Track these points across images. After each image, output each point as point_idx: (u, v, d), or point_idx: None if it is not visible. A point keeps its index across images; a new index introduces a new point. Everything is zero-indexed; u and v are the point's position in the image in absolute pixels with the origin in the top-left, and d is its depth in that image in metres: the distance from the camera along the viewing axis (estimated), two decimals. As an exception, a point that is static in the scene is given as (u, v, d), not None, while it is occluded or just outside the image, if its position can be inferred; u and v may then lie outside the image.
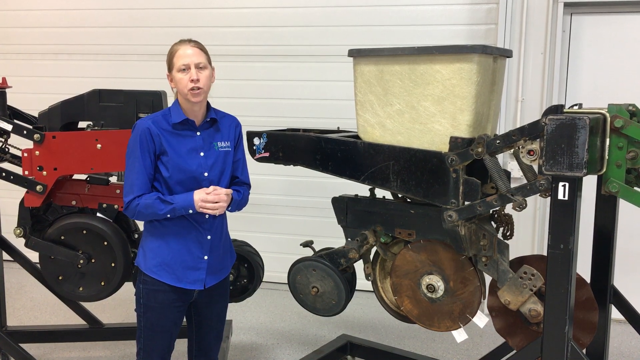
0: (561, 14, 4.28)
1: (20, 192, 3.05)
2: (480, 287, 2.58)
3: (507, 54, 2.68)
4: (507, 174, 2.52)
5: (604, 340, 2.79)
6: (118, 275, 3.14)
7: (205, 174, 2.40)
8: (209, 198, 2.34)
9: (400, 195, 2.78)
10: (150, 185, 2.37)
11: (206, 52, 2.41)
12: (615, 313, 2.88)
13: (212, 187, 2.38)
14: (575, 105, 2.45)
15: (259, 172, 3.71)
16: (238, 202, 2.51)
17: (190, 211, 2.34)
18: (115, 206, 3.14)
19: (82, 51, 5.26)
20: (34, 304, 4.64)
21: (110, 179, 3.22)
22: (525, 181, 2.38)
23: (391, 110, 2.59)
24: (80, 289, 3.18)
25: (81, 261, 3.10)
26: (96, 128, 3.08)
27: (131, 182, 2.35)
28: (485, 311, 2.73)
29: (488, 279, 2.60)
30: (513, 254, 2.62)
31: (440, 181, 2.44)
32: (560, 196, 2.18)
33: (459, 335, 2.68)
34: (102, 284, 3.16)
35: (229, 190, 2.43)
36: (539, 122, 2.20)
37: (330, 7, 4.76)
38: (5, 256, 3.47)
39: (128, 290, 3.29)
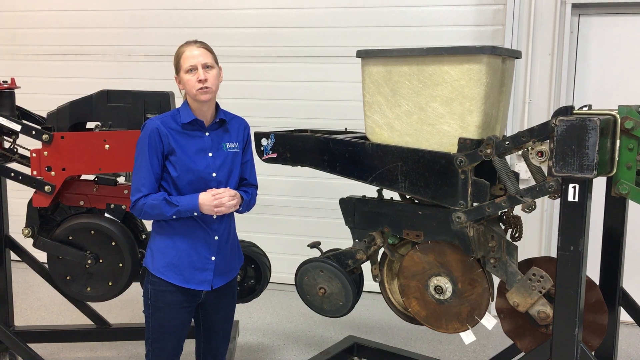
0: (569, 15, 4.26)
1: (28, 192, 3.06)
2: (489, 288, 2.58)
3: (515, 55, 2.67)
4: (516, 175, 2.51)
5: (612, 343, 2.78)
6: (125, 275, 3.15)
7: (214, 175, 2.41)
8: (212, 203, 2.33)
9: (408, 197, 2.77)
10: (157, 185, 2.37)
11: (212, 52, 2.41)
12: (623, 315, 2.87)
13: (215, 190, 2.36)
14: (585, 106, 2.44)
15: (266, 173, 3.70)
16: (247, 202, 2.52)
17: (195, 214, 2.34)
18: (123, 206, 3.15)
19: (89, 52, 5.28)
20: (42, 304, 4.65)
21: (118, 179, 3.23)
22: (533, 182, 2.37)
23: (399, 111, 2.58)
24: (88, 289, 3.19)
25: (89, 261, 3.11)
26: (104, 128, 3.09)
27: (138, 181, 2.36)
28: (494, 313, 2.72)
29: (497, 280, 2.59)
30: (520, 256, 2.61)
31: (449, 182, 2.43)
32: (570, 198, 2.17)
33: (467, 337, 2.67)
34: (110, 284, 3.17)
35: (232, 192, 2.41)
36: (549, 123, 2.19)
37: (337, 8, 4.76)
38: (13, 256, 3.48)
39: (135, 290, 3.29)
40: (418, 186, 2.52)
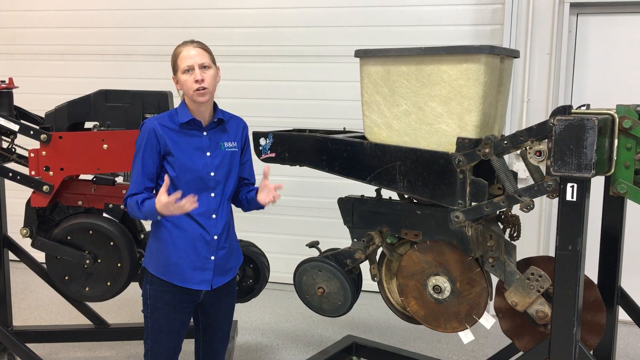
0: (567, 14, 4.26)
1: (26, 192, 3.06)
2: (487, 288, 2.58)
3: (514, 54, 2.67)
4: (514, 174, 2.51)
5: (611, 342, 2.78)
6: (124, 275, 3.14)
7: (212, 174, 2.40)
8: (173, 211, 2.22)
9: (406, 196, 2.77)
10: (150, 184, 2.38)
11: (210, 52, 2.41)
12: (621, 314, 2.87)
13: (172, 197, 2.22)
14: (583, 105, 2.44)
15: (264, 172, 3.70)
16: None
17: (159, 217, 2.31)
18: (122, 206, 3.15)
19: (88, 51, 5.28)
20: (40, 304, 4.65)
21: (116, 179, 3.23)
22: (531, 182, 2.37)
23: (398, 110, 2.58)
24: (87, 289, 3.19)
25: (87, 261, 3.11)
26: (102, 128, 3.09)
27: (131, 180, 2.40)
28: (492, 312, 2.73)
29: (495, 279, 2.60)
30: (518, 255, 2.61)
31: (447, 182, 2.43)
32: (568, 197, 2.17)
33: (466, 336, 2.67)
34: (108, 284, 3.17)
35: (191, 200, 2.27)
36: (547, 122, 2.19)
37: (336, 7, 4.76)
38: (12, 256, 3.48)
39: (134, 290, 3.29)
40: (416, 185, 2.52)
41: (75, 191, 3.19)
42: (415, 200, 2.74)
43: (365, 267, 2.95)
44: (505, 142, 2.32)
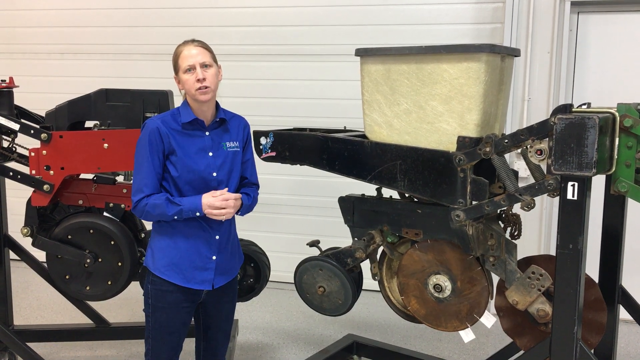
0: (568, 12, 4.26)
1: (27, 191, 3.06)
2: (488, 287, 2.58)
3: (515, 53, 2.67)
4: (515, 173, 2.51)
5: (612, 341, 2.78)
6: (125, 274, 3.14)
7: (214, 174, 2.40)
8: (215, 204, 2.32)
9: (407, 195, 2.77)
10: (159, 185, 2.37)
11: (211, 50, 2.41)
12: (622, 313, 2.87)
13: (220, 192, 2.36)
14: (584, 104, 2.44)
15: (265, 171, 3.70)
16: (248, 206, 2.51)
17: (198, 214, 2.34)
18: (122, 205, 3.15)
19: (88, 50, 5.28)
20: (41, 303, 4.65)
21: (116, 178, 3.22)
22: (532, 180, 2.37)
23: (398, 109, 2.58)
24: (87, 288, 3.19)
25: (88, 260, 3.11)
26: (103, 127, 3.08)
27: (140, 181, 2.35)
28: (493, 311, 2.72)
29: (496, 278, 2.59)
30: (519, 254, 2.61)
31: (448, 181, 2.43)
32: (569, 196, 2.17)
33: (466, 335, 2.67)
34: (109, 283, 3.17)
35: (238, 195, 2.43)
36: (548, 121, 2.19)
37: (336, 6, 4.75)
38: (12, 255, 3.48)
39: (134, 289, 3.29)
40: (417, 184, 2.52)
41: (76, 190, 3.19)
42: (415, 199, 2.74)
43: (365, 266, 2.95)
44: (506, 140, 2.32)
